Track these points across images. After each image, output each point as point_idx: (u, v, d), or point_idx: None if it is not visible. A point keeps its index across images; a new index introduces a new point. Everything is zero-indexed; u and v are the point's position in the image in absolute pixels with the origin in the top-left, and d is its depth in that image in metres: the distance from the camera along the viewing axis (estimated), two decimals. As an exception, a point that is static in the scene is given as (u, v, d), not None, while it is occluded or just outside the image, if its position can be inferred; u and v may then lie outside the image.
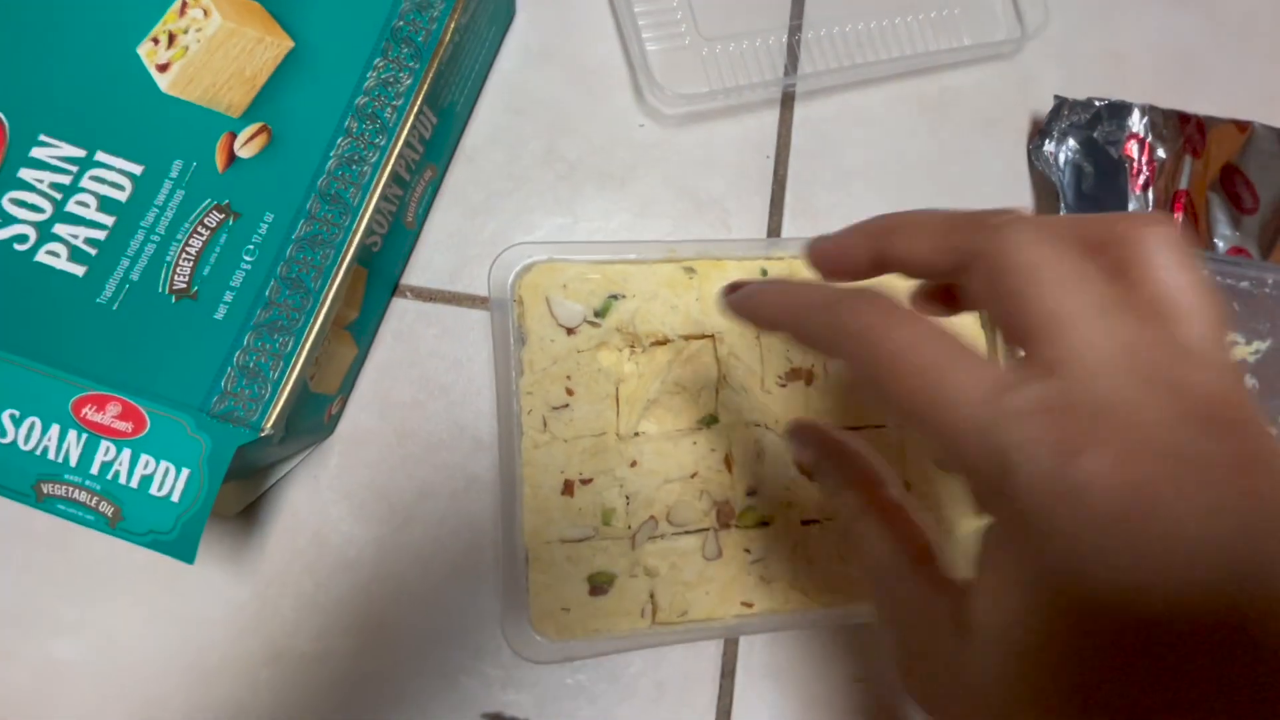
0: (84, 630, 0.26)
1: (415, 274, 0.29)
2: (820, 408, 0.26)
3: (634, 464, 0.24)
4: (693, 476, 0.24)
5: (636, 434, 0.25)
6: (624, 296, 0.25)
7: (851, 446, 0.18)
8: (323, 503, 0.27)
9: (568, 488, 0.24)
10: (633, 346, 0.25)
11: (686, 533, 0.24)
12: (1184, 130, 0.30)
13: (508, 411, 0.25)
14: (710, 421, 0.25)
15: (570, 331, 0.25)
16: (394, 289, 0.28)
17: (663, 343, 0.25)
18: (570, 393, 0.25)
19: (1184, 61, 0.33)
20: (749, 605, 0.24)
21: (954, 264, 0.15)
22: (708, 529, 0.24)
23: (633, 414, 0.25)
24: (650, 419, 0.25)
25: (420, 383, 0.28)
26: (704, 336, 0.26)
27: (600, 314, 0.25)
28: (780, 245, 0.27)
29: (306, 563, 0.26)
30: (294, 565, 0.26)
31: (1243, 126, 0.31)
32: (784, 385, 0.26)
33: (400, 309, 0.28)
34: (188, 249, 0.22)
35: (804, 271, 0.27)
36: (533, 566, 0.24)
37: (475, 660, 0.26)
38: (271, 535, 0.27)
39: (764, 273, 0.26)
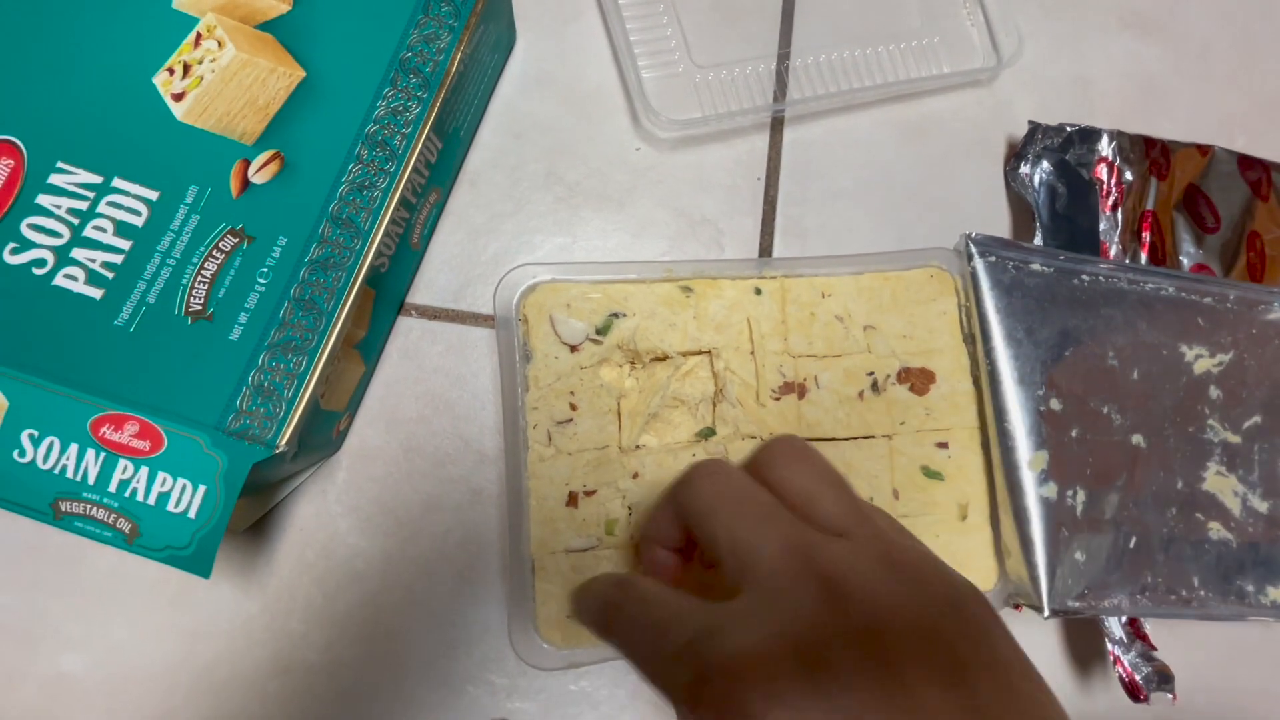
0: (93, 645, 0.26)
1: (420, 293, 0.30)
2: (812, 420, 0.27)
3: (636, 476, 0.25)
4: None
5: (638, 447, 0.26)
6: (624, 315, 0.26)
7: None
8: (331, 517, 0.27)
9: (572, 499, 0.25)
10: (633, 363, 0.26)
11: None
12: (1149, 154, 0.32)
13: (513, 426, 0.25)
14: (708, 434, 0.26)
15: (573, 349, 0.26)
16: (400, 308, 0.29)
17: (662, 359, 0.26)
18: (574, 408, 0.26)
19: (1148, 88, 0.35)
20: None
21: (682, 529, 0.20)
22: None
23: (634, 428, 0.26)
24: (651, 432, 0.26)
25: (425, 399, 0.29)
26: (701, 353, 0.27)
27: (602, 332, 0.26)
28: (771, 265, 0.28)
29: (315, 576, 0.27)
30: (302, 578, 0.27)
31: (1204, 150, 0.32)
32: (778, 399, 0.27)
33: (406, 327, 0.29)
34: (203, 272, 0.23)
35: (794, 291, 0.28)
36: (538, 576, 0.25)
37: (481, 669, 0.27)
38: (280, 549, 0.27)
39: (757, 292, 0.27)
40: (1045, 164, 0.32)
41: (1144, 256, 0.32)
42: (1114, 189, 0.32)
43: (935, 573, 0.17)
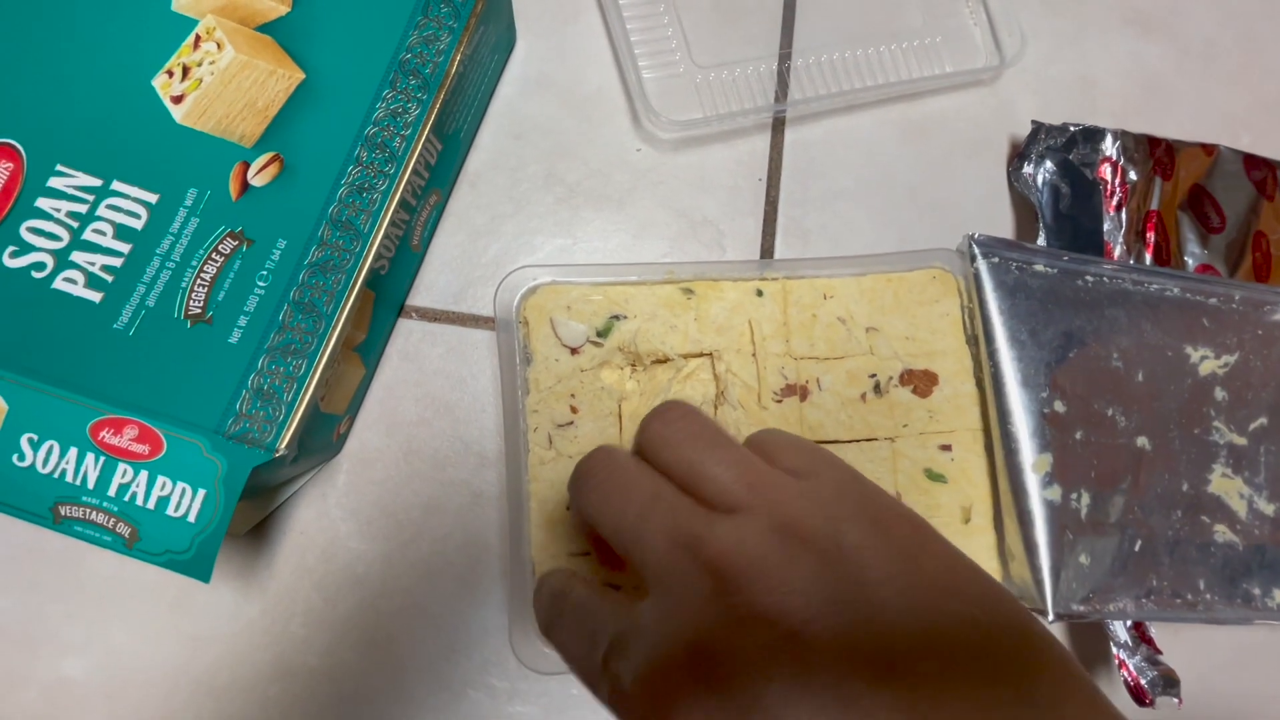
0: (93, 649, 0.26)
1: (420, 295, 0.29)
2: (814, 422, 0.27)
3: None
4: None
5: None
6: (625, 317, 0.26)
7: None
8: (331, 520, 0.27)
9: None
10: (634, 365, 0.26)
11: None
12: (1154, 153, 0.32)
13: (514, 430, 0.25)
14: None
15: (574, 351, 0.26)
16: (400, 310, 0.29)
17: (663, 361, 0.26)
18: (575, 410, 0.25)
19: (1152, 87, 0.35)
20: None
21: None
22: None
23: (635, 430, 0.26)
24: None
25: (426, 401, 0.29)
26: (703, 355, 0.27)
27: (602, 334, 0.26)
28: (773, 266, 0.28)
29: (315, 579, 0.27)
30: (303, 582, 0.27)
31: (1209, 149, 0.32)
32: (779, 401, 0.27)
33: (406, 329, 0.29)
34: (202, 275, 0.23)
35: (796, 293, 0.28)
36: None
37: (482, 673, 0.27)
38: (280, 553, 0.27)
39: (759, 293, 0.27)
40: (1048, 164, 0.32)
41: (1148, 257, 0.31)
42: (1118, 189, 0.32)
43: (831, 537, 0.15)
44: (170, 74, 0.24)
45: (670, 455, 0.18)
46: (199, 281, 0.23)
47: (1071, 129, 0.31)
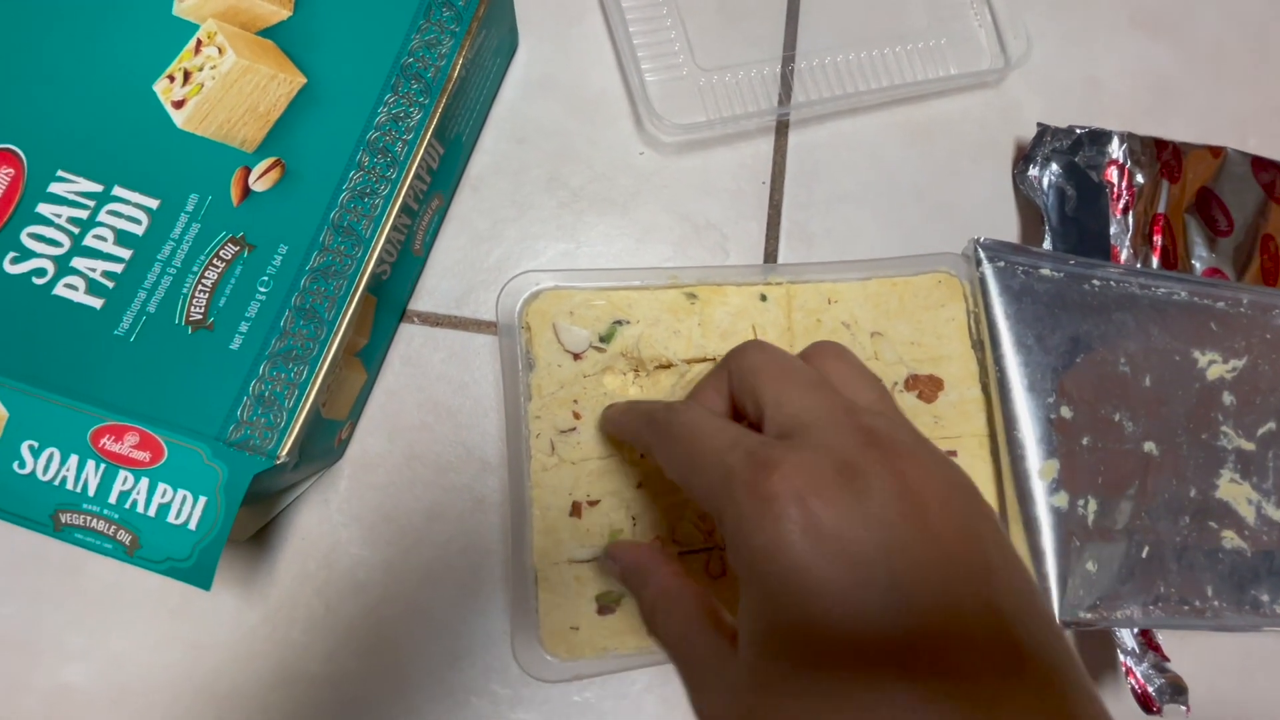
0: (94, 656, 0.26)
1: (422, 300, 0.29)
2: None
3: (640, 485, 0.25)
4: None
5: (642, 456, 0.26)
6: (628, 322, 0.26)
7: (648, 554, 0.22)
8: (332, 526, 0.27)
9: (575, 509, 0.25)
10: (637, 371, 0.26)
11: (691, 551, 0.25)
12: (1161, 156, 0.32)
13: (516, 436, 0.25)
14: None
15: (576, 357, 0.25)
16: (402, 315, 0.29)
17: (666, 366, 0.26)
18: (577, 416, 0.25)
19: (1159, 89, 0.34)
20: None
21: (729, 389, 0.21)
22: (711, 549, 0.25)
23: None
24: None
25: (428, 406, 0.28)
26: (706, 360, 0.27)
27: (605, 339, 0.26)
28: (777, 271, 0.28)
29: (317, 586, 0.27)
30: (304, 588, 0.27)
31: (1216, 151, 0.32)
32: (783, 406, 0.27)
33: (408, 334, 0.29)
34: (203, 281, 0.23)
35: (800, 297, 0.28)
36: (542, 587, 0.24)
37: (484, 680, 0.27)
38: (282, 559, 0.27)
39: (763, 298, 0.27)
40: (1054, 166, 0.31)
41: (1155, 260, 0.31)
42: (1125, 192, 0.31)
43: (956, 483, 0.18)
44: (171, 79, 0.24)
45: (832, 367, 0.20)
46: (200, 287, 0.23)
47: (1078, 131, 0.31)
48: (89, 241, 0.23)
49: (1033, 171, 0.31)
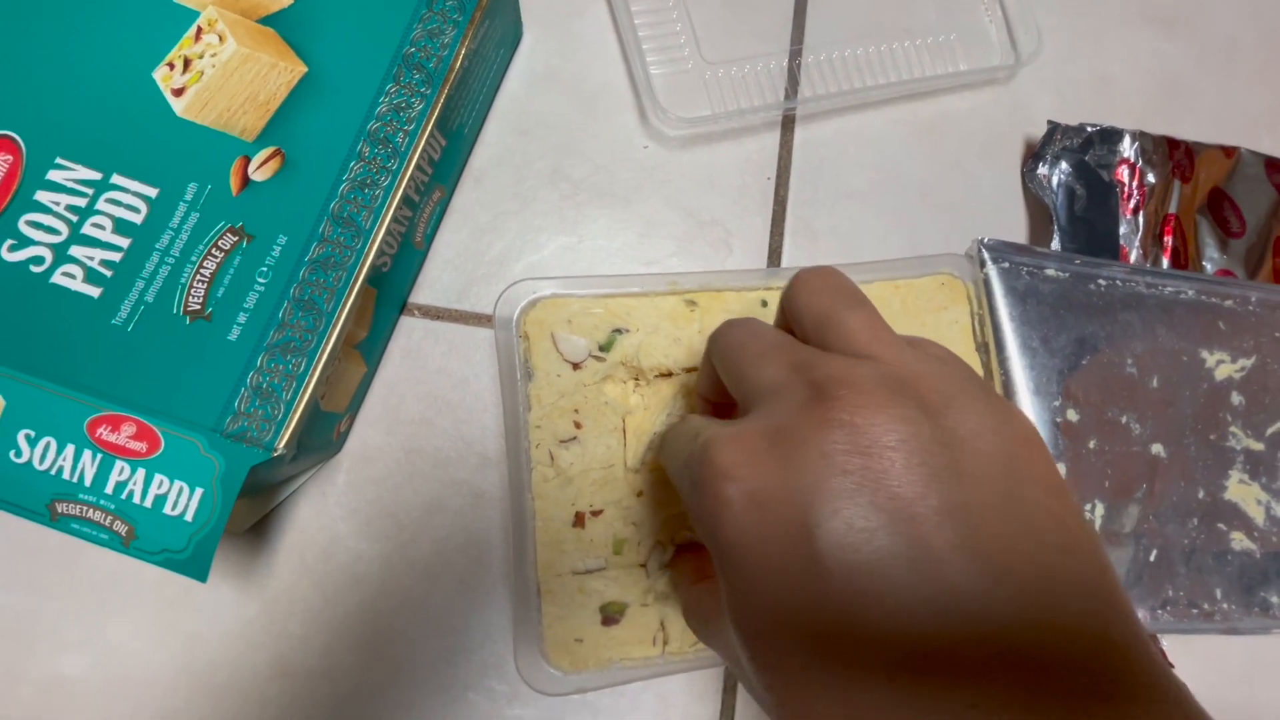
0: (91, 646, 0.26)
1: (423, 292, 0.29)
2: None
3: (640, 494, 0.25)
4: None
5: (644, 464, 0.25)
6: (627, 330, 0.25)
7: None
8: (331, 519, 0.27)
9: (578, 520, 0.24)
10: (637, 379, 0.26)
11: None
12: (1173, 155, 0.31)
13: (516, 447, 0.25)
14: None
15: (576, 366, 0.25)
16: (402, 307, 0.29)
17: (667, 375, 0.26)
18: (578, 426, 0.25)
19: (1172, 87, 0.34)
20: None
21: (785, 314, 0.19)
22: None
23: (640, 445, 0.25)
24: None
25: (427, 400, 0.28)
26: (707, 363, 0.26)
27: (605, 348, 0.25)
28: (779, 275, 0.27)
29: (314, 579, 0.27)
30: (302, 581, 0.27)
31: (1229, 151, 0.32)
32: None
33: (408, 327, 0.29)
34: (202, 271, 0.23)
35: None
36: (545, 599, 0.24)
37: (481, 676, 0.26)
38: (279, 551, 0.27)
39: (764, 304, 0.27)
40: (1064, 165, 0.31)
41: (1166, 261, 0.31)
42: (1135, 191, 0.31)
43: (941, 409, 0.15)
44: (171, 66, 0.24)
45: (810, 300, 0.18)
46: (198, 277, 0.22)
47: (1088, 129, 0.31)
48: (87, 230, 0.22)
49: (1042, 170, 0.31)
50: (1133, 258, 0.30)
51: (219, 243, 0.23)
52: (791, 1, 0.33)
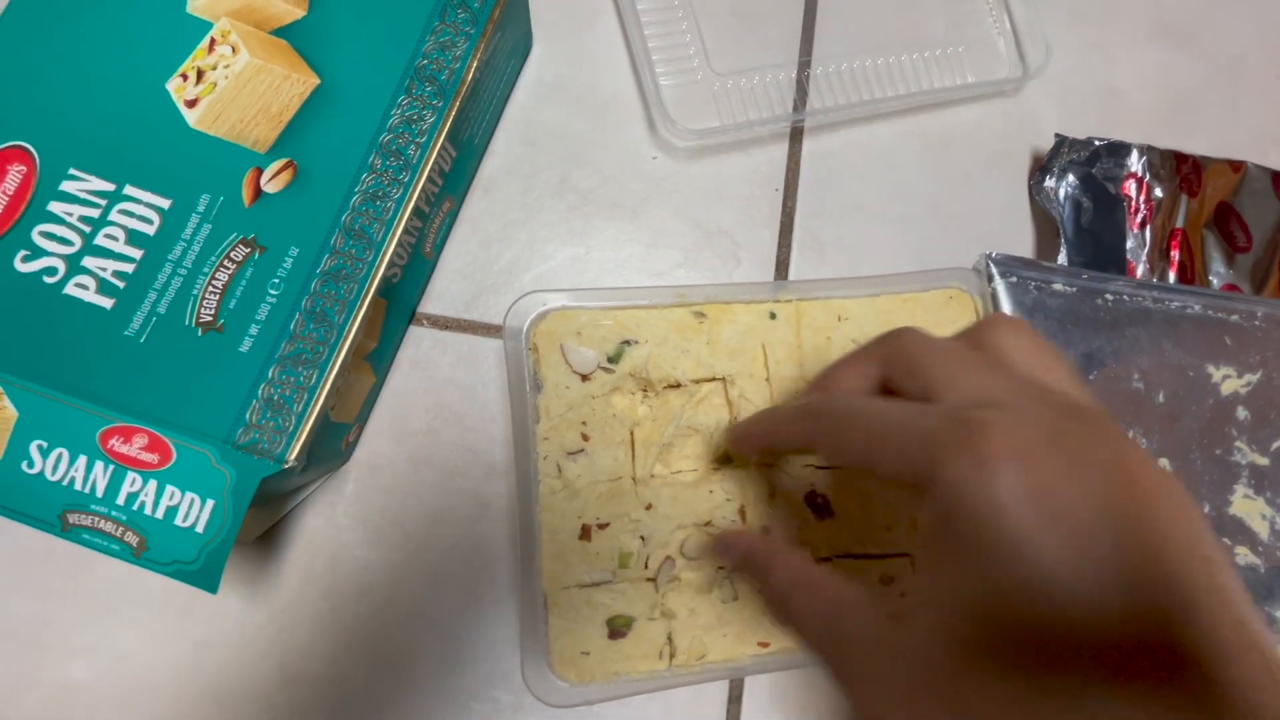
0: (99, 653, 0.26)
1: (432, 302, 0.29)
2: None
3: (649, 507, 0.25)
4: (706, 524, 0.25)
5: (652, 477, 0.25)
6: (636, 342, 0.26)
7: (765, 541, 0.22)
8: (338, 528, 0.27)
9: (585, 532, 0.25)
10: (646, 391, 0.26)
11: (702, 570, 0.25)
12: (1180, 169, 0.31)
13: (524, 459, 0.25)
14: (725, 460, 0.26)
15: (585, 378, 0.25)
16: (411, 317, 0.29)
17: (675, 386, 0.26)
18: (586, 438, 0.25)
19: (1180, 101, 0.34)
20: (765, 645, 0.25)
21: (881, 372, 0.20)
22: (722, 568, 0.25)
23: (648, 458, 0.25)
24: (664, 463, 0.25)
25: (435, 410, 0.28)
26: (715, 379, 0.26)
27: (613, 360, 0.25)
28: (786, 288, 0.27)
29: (322, 587, 0.27)
30: (310, 590, 0.27)
31: (1236, 166, 0.32)
32: (793, 417, 0.26)
33: (417, 337, 0.29)
34: (214, 282, 0.23)
35: (809, 315, 0.27)
36: (551, 611, 0.24)
37: (487, 686, 0.27)
38: (288, 560, 0.27)
39: (772, 316, 0.27)
40: (1071, 178, 0.31)
41: (1173, 276, 0.31)
42: (1143, 206, 0.31)
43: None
44: (184, 77, 0.24)
45: (1010, 342, 0.18)
46: (210, 289, 0.23)
47: (1096, 143, 0.31)
48: (100, 241, 0.22)
49: (1049, 183, 0.31)
50: (1139, 272, 0.30)
51: (231, 254, 0.23)
52: (800, 14, 0.33)
